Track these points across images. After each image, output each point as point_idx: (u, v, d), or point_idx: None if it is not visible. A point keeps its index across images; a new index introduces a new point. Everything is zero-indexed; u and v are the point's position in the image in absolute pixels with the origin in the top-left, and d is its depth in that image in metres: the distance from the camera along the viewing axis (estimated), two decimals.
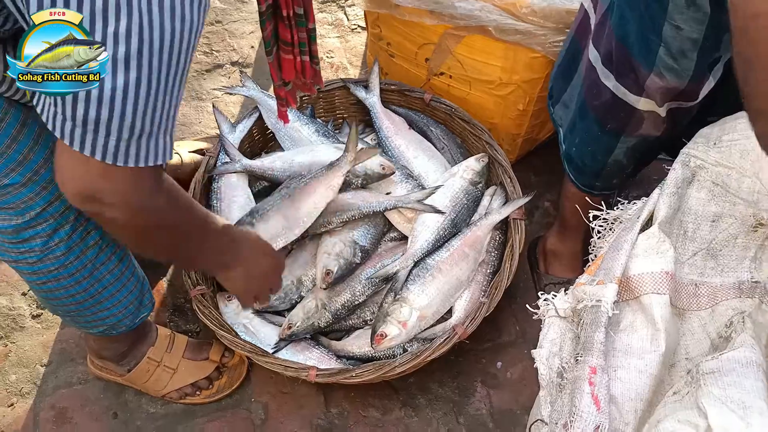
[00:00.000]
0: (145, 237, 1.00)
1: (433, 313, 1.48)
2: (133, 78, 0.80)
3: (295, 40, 1.21)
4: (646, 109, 1.20)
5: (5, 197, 1.05)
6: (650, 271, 0.99)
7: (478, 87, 1.65)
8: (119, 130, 0.82)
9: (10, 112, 1.00)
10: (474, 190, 1.58)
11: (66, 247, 1.14)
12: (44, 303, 1.30)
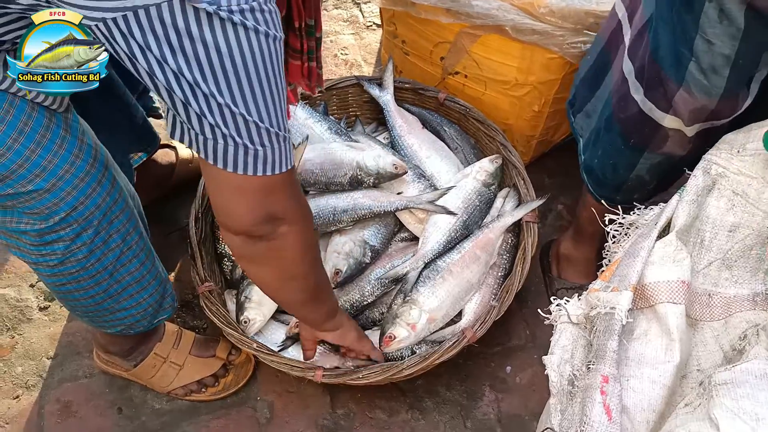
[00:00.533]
0: (301, 259, 1.09)
1: (442, 315, 1.46)
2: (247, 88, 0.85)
3: (305, 48, 1.22)
4: (671, 127, 1.16)
5: (30, 203, 1.04)
6: (666, 280, 0.97)
7: (494, 87, 1.63)
8: (268, 133, 0.89)
9: (34, 117, 0.99)
10: (487, 191, 1.56)
11: (88, 250, 1.13)
12: (63, 303, 1.29)
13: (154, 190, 1.76)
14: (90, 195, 1.08)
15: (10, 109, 0.96)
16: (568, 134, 1.79)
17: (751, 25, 0.97)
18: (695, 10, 1.00)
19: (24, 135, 0.98)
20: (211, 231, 1.59)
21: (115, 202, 1.14)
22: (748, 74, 1.06)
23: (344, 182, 1.54)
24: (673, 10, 1.05)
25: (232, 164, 0.90)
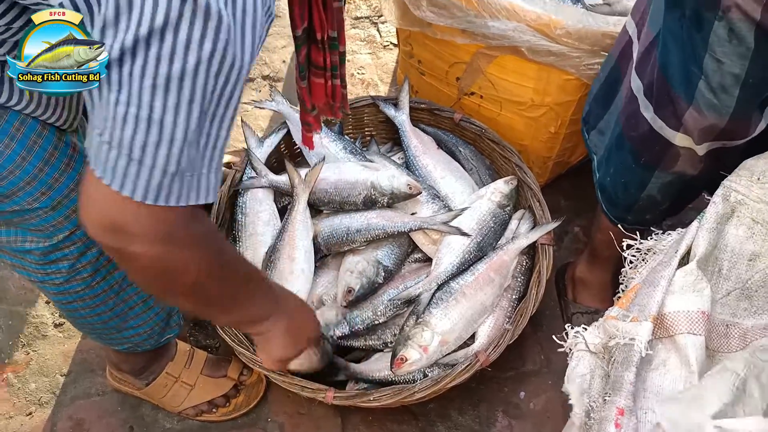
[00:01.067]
0: (168, 279, 0.88)
1: (455, 338, 1.44)
2: (185, 97, 0.74)
3: (328, 63, 1.19)
4: (682, 145, 1.15)
5: (34, 220, 1.04)
6: (686, 310, 0.94)
7: (509, 108, 1.62)
8: (166, 160, 0.75)
9: (43, 135, 1.00)
10: (501, 213, 1.55)
11: (93, 269, 1.13)
12: (70, 320, 1.29)
13: None
14: None
15: (21, 128, 0.97)
16: (584, 156, 1.77)
17: (761, 45, 0.96)
18: (704, 28, 0.99)
19: (32, 154, 0.99)
20: None
21: None
22: (759, 95, 1.04)
23: (358, 202, 1.54)
24: (682, 27, 1.04)
25: (104, 169, 0.76)
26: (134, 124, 0.74)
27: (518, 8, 1.41)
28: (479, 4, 1.43)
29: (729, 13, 0.95)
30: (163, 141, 0.75)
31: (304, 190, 1.53)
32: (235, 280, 1.01)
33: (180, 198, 0.79)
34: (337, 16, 1.14)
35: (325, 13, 1.11)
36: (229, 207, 1.60)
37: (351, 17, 2.20)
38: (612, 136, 1.30)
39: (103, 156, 0.76)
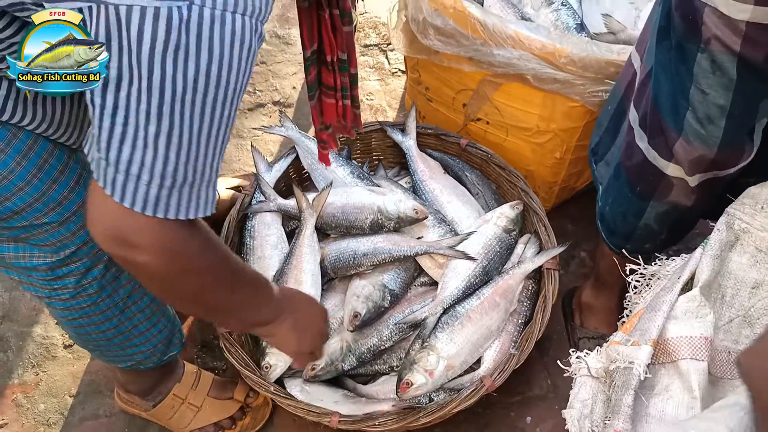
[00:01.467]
0: (175, 286, 0.95)
1: (461, 362, 1.44)
2: (177, 122, 0.79)
3: (338, 84, 1.22)
4: (674, 176, 1.15)
5: (42, 235, 1.07)
6: (689, 336, 0.95)
7: (515, 134, 1.64)
8: (162, 176, 0.80)
9: (54, 154, 1.03)
10: (507, 237, 1.56)
11: (98, 285, 1.15)
12: (74, 338, 1.31)
13: None
14: None
15: (33, 146, 1.00)
16: (590, 181, 1.78)
17: (744, 77, 0.97)
18: (689, 60, 1.01)
19: (43, 171, 1.02)
20: None
21: None
22: (746, 124, 1.05)
23: (365, 226, 1.55)
24: (671, 59, 1.06)
25: (109, 183, 0.82)
26: (131, 145, 0.79)
27: (523, 37, 1.43)
28: (485, 33, 1.46)
29: (710, 45, 0.96)
30: (158, 160, 0.80)
31: (312, 214, 1.55)
32: (240, 286, 1.07)
33: (179, 211, 0.84)
34: (347, 39, 1.17)
35: (335, 36, 1.14)
36: (237, 230, 1.62)
37: (360, 45, 2.24)
38: (612, 166, 1.32)
39: (101, 170, 0.81)
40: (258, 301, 1.14)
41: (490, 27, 1.45)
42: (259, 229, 1.62)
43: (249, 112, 2.12)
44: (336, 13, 1.12)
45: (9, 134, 0.97)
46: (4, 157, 0.97)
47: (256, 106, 2.13)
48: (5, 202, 1.01)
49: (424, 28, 1.55)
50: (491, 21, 1.45)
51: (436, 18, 1.51)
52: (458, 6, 1.49)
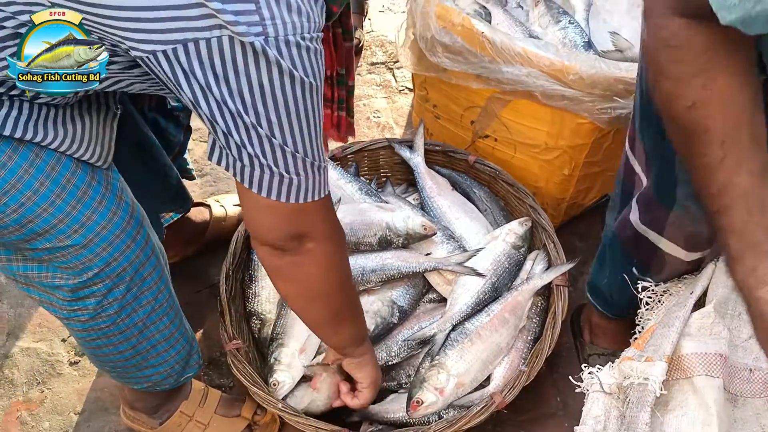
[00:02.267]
0: (329, 274, 1.10)
1: (471, 380, 1.43)
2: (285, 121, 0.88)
3: (335, 97, 1.25)
4: (668, 251, 1.14)
5: (65, 258, 1.06)
6: (704, 352, 0.95)
7: (523, 150, 1.64)
8: (304, 163, 0.92)
9: (77, 174, 1.02)
10: (516, 254, 1.55)
11: (119, 305, 1.14)
12: (91, 358, 1.30)
13: (187, 247, 1.79)
14: (124, 251, 1.10)
15: (56, 166, 0.99)
16: (598, 198, 1.78)
17: None
18: None
19: (66, 191, 1.01)
20: (241, 288, 1.60)
21: (147, 259, 1.15)
22: None
23: (373, 242, 1.55)
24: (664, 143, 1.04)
25: (266, 190, 0.93)
26: (265, 157, 0.90)
27: (532, 54, 1.44)
28: (493, 51, 1.47)
29: None
30: (288, 157, 0.91)
31: None
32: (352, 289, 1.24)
33: (314, 192, 0.96)
34: (347, 55, 1.20)
35: (336, 53, 1.16)
36: (245, 247, 1.62)
37: (367, 63, 2.25)
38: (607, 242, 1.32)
39: (248, 178, 0.92)
40: (360, 313, 1.27)
41: (499, 44, 1.46)
42: None
43: None
44: (339, 32, 1.15)
45: (32, 155, 0.96)
46: (28, 177, 0.96)
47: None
48: (29, 224, 1.00)
49: (432, 45, 1.56)
50: (499, 38, 1.46)
51: (444, 35, 1.53)
52: (466, 24, 1.50)
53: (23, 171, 0.96)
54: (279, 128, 0.87)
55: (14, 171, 0.95)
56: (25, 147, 0.96)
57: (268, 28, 0.81)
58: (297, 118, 0.88)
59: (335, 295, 1.17)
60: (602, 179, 1.71)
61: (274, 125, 0.87)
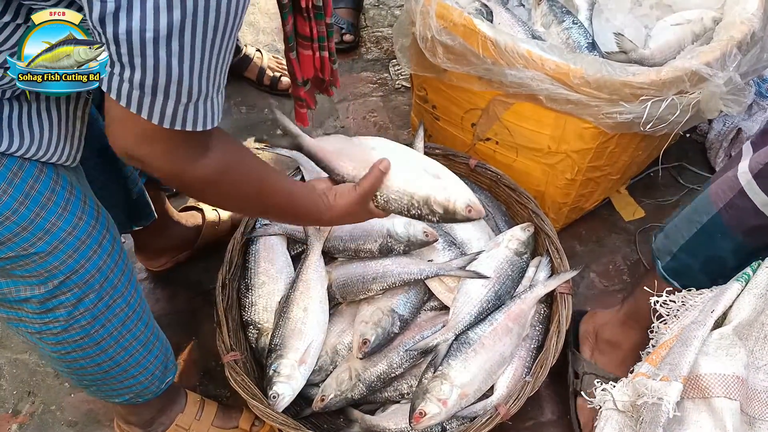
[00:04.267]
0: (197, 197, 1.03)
1: (474, 390, 1.41)
2: (187, 45, 0.78)
3: (314, 34, 1.20)
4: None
5: (30, 266, 1.01)
6: (722, 374, 0.92)
7: (526, 154, 1.61)
8: (177, 93, 0.81)
9: (41, 180, 0.98)
10: (519, 260, 1.52)
11: (91, 316, 1.10)
12: (68, 374, 1.24)
13: (180, 252, 1.74)
14: (90, 257, 1.05)
15: (19, 172, 0.95)
16: (599, 201, 1.76)
17: None
18: None
19: (30, 198, 0.97)
20: (237, 297, 1.56)
21: (116, 265, 1.11)
22: None
23: (374, 249, 1.51)
24: None
25: (127, 101, 0.82)
26: (142, 71, 0.78)
27: (536, 57, 1.41)
28: (497, 52, 1.43)
29: None
30: (172, 81, 0.80)
31: (319, 238, 1.51)
32: (272, 204, 1.09)
33: (187, 122, 0.85)
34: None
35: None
36: (241, 254, 1.58)
37: (363, 60, 2.20)
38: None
39: (124, 91, 0.80)
40: (298, 214, 1.15)
41: (502, 46, 1.43)
42: (264, 253, 1.57)
43: (247, 129, 2.07)
44: None
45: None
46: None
47: (257, 122, 2.08)
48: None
49: (432, 46, 1.52)
50: (503, 40, 1.42)
51: (445, 36, 1.48)
52: (468, 24, 1.46)
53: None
54: (170, 46, 0.77)
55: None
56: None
57: None
58: (203, 36, 0.78)
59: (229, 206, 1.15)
60: (605, 183, 1.69)
61: (171, 43, 0.77)
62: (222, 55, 0.83)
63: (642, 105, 1.38)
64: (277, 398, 1.40)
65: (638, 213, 1.86)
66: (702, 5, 1.66)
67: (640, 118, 1.39)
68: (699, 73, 1.37)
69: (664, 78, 1.37)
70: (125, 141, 0.87)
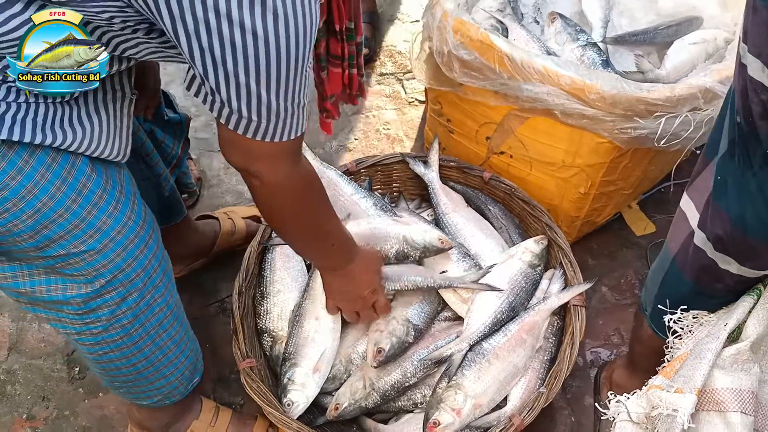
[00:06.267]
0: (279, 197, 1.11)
1: (488, 401, 1.41)
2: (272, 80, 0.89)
3: (345, 53, 1.24)
4: None
5: (79, 264, 1.03)
6: (739, 389, 0.94)
7: (540, 168, 1.63)
8: (267, 115, 0.93)
9: (92, 178, 1.00)
10: (533, 273, 1.54)
11: (132, 315, 1.12)
12: (101, 375, 1.26)
13: (195, 260, 1.76)
14: (137, 257, 1.08)
15: (72, 171, 0.97)
16: (611, 215, 1.78)
17: None
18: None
19: (82, 196, 0.98)
20: (252, 305, 1.57)
21: (159, 265, 1.13)
22: None
23: (390, 255, 1.53)
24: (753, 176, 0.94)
25: (234, 125, 0.94)
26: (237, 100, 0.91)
27: (552, 72, 1.43)
28: (513, 68, 1.45)
29: None
30: (263, 106, 0.92)
31: None
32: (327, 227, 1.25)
33: (283, 134, 0.98)
34: (354, 7, 1.20)
35: (344, 6, 1.17)
36: (257, 262, 1.59)
37: (377, 74, 2.23)
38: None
39: (225, 114, 0.93)
40: (335, 248, 1.30)
41: (518, 61, 1.45)
42: (280, 261, 1.58)
43: None
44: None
45: (48, 159, 0.94)
46: (44, 182, 0.94)
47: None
48: (43, 230, 0.97)
49: (449, 60, 1.54)
50: (519, 55, 1.45)
51: (461, 51, 1.51)
52: (485, 39, 1.48)
53: (39, 176, 0.93)
54: (264, 80, 0.88)
55: (31, 176, 0.92)
56: (42, 150, 0.93)
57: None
58: (284, 69, 0.88)
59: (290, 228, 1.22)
60: (617, 198, 1.71)
61: (260, 77, 0.87)
62: (298, 80, 0.92)
63: (656, 121, 1.40)
64: (292, 406, 1.41)
65: (649, 228, 1.87)
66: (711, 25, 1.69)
67: (655, 134, 1.41)
68: (713, 91, 1.39)
69: (679, 95, 1.39)
70: (236, 157, 1.02)
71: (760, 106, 0.86)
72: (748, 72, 0.86)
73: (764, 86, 0.84)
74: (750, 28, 0.85)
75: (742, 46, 0.88)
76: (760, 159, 0.91)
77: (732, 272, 1.04)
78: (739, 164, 0.95)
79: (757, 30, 0.83)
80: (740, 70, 0.89)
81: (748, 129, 0.90)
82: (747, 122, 0.90)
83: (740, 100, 0.90)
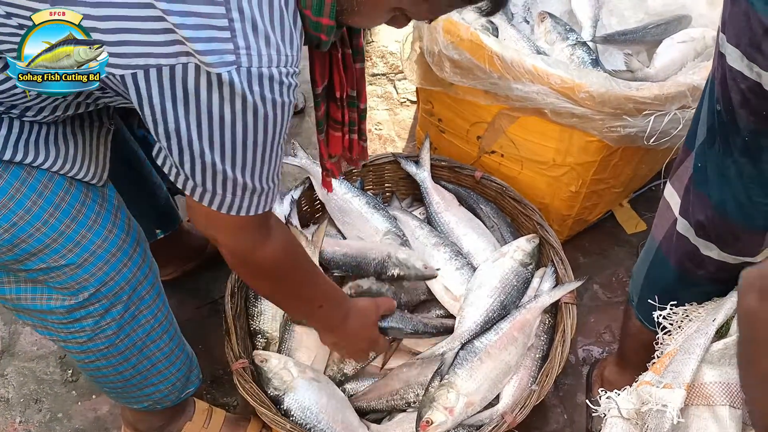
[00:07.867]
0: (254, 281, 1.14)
1: (480, 399, 1.42)
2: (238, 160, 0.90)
3: (346, 119, 1.23)
4: None
5: (61, 278, 1.03)
6: (727, 382, 0.94)
7: (530, 167, 1.64)
8: (233, 190, 0.93)
9: (71, 192, 1.00)
10: (524, 271, 1.55)
11: (117, 326, 1.12)
12: (91, 379, 1.27)
13: (187, 262, 1.76)
14: (120, 270, 1.08)
15: (49, 185, 0.97)
16: (602, 213, 1.79)
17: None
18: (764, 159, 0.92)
19: (60, 210, 0.99)
20: (245, 306, 1.58)
21: (145, 278, 1.13)
22: None
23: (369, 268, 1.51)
24: (733, 162, 0.95)
25: (200, 199, 0.95)
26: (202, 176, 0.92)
27: (542, 71, 1.44)
28: (503, 67, 1.46)
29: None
30: (228, 182, 0.92)
31: (313, 252, 1.53)
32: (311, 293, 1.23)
33: (249, 209, 0.97)
34: (358, 76, 1.18)
35: (345, 74, 1.14)
36: None
37: (368, 74, 2.23)
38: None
39: (189, 187, 0.94)
40: (327, 315, 1.29)
41: (509, 61, 1.46)
42: None
43: None
44: (348, 52, 1.13)
45: (23, 173, 0.95)
46: (20, 196, 0.95)
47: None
48: (21, 244, 0.98)
49: (439, 60, 1.55)
50: (509, 55, 1.46)
51: (452, 50, 1.51)
52: (475, 39, 1.49)
53: (14, 190, 0.94)
54: (229, 160, 0.89)
55: (5, 190, 0.93)
56: (17, 166, 0.94)
57: (241, 58, 0.81)
58: (251, 152, 0.90)
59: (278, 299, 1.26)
60: (608, 196, 1.72)
61: (225, 157, 0.89)
62: (266, 162, 0.94)
63: (645, 119, 1.41)
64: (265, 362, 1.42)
65: (640, 226, 1.88)
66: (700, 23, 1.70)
67: (644, 132, 1.42)
68: (701, 88, 1.40)
69: (667, 93, 1.40)
70: (199, 224, 1.02)
71: (739, 95, 0.88)
72: (727, 61, 0.88)
73: (743, 75, 0.86)
74: (729, 19, 0.87)
75: (720, 36, 0.89)
76: (739, 146, 0.92)
77: (713, 258, 1.06)
78: (719, 151, 0.97)
79: (735, 20, 0.85)
80: (719, 60, 0.91)
81: (728, 117, 0.92)
82: (727, 110, 0.92)
83: (720, 89, 0.92)
